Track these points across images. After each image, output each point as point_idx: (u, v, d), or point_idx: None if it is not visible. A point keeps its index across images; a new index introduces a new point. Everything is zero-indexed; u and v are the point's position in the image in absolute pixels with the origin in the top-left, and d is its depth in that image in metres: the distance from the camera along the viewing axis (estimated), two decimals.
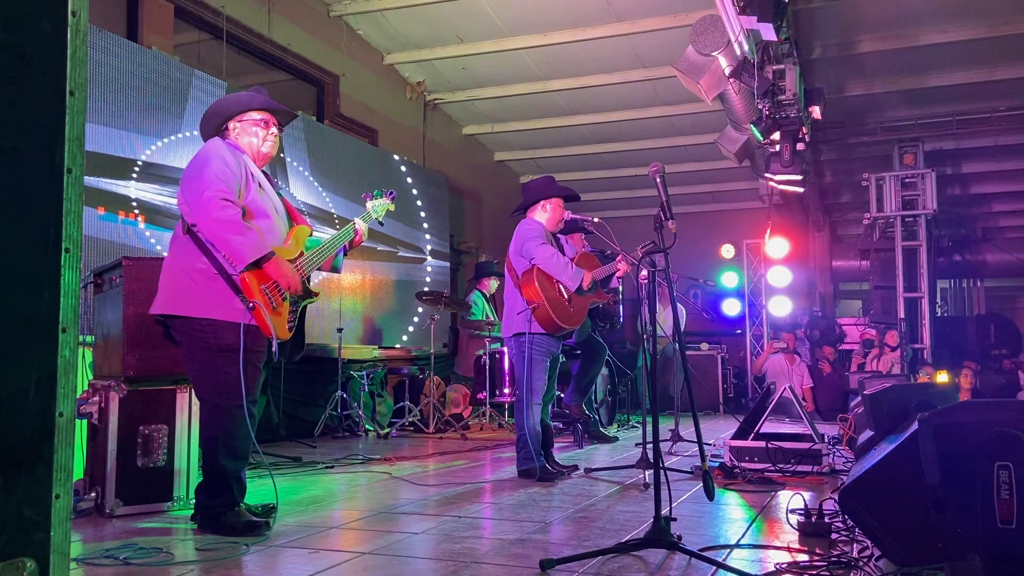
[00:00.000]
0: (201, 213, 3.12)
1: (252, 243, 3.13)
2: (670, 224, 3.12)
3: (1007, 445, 2.11)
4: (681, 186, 12.74)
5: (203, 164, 3.19)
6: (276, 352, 3.24)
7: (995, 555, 2.08)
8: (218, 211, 3.10)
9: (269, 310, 3.17)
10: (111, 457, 3.52)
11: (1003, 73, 9.00)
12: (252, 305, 3.13)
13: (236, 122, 3.39)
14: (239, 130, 3.39)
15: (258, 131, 3.41)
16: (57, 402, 1.07)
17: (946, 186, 12.11)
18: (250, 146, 3.39)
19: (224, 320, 3.15)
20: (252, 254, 3.12)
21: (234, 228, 3.11)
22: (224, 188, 3.14)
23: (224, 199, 3.12)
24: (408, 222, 9.19)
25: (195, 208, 3.14)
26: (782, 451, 4.65)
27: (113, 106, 5.60)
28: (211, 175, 3.15)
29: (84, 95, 1.09)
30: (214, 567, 2.68)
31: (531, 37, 8.67)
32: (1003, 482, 2.09)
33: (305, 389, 7.19)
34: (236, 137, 3.38)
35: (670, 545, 2.73)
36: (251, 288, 3.14)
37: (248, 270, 3.13)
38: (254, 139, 3.40)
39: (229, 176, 3.19)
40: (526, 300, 4.55)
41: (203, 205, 3.11)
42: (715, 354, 10.71)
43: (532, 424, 4.55)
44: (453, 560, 2.73)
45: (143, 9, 6.32)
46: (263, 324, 3.16)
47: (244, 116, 3.40)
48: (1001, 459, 2.10)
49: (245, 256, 3.11)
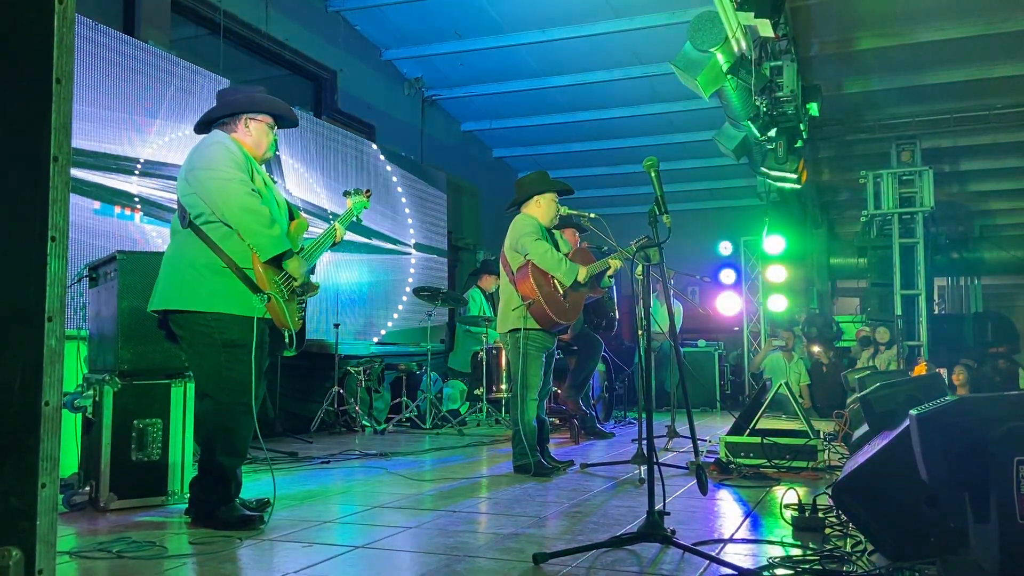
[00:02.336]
0: (230, 202, 3.09)
1: (278, 237, 3.15)
2: (665, 218, 3.12)
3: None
4: (679, 183, 12.74)
5: (215, 154, 3.18)
6: (294, 341, 3.24)
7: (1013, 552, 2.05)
8: (246, 199, 3.10)
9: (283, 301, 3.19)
10: (105, 451, 3.51)
11: (1001, 71, 8.99)
12: (267, 296, 3.13)
13: (250, 119, 3.39)
14: (252, 128, 3.38)
15: (268, 132, 3.43)
16: (43, 391, 1.07)
17: (944, 184, 12.10)
18: (257, 145, 3.40)
19: (231, 314, 3.14)
20: (276, 248, 3.14)
21: (262, 219, 3.12)
22: (241, 175, 3.15)
23: (250, 189, 3.13)
24: (405, 218, 9.18)
25: (219, 196, 3.11)
26: (777, 447, 4.65)
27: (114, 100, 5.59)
28: (224, 163, 3.15)
29: (70, 83, 1.09)
30: (208, 561, 2.68)
31: (529, 33, 8.67)
32: (1022, 477, 2.07)
33: (301, 384, 7.18)
34: (245, 132, 3.37)
35: (664, 539, 2.73)
36: (264, 280, 3.14)
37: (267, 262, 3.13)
38: (263, 139, 3.41)
39: (240, 164, 3.19)
40: (521, 296, 4.55)
41: (226, 192, 3.10)
42: (712, 351, 10.71)
43: (528, 420, 4.55)
44: (447, 554, 2.73)
45: (140, 3, 6.30)
46: (278, 316, 3.17)
47: (259, 116, 3.40)
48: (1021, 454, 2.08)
49: (270, 249, 3.12)
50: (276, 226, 3.18)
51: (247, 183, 3.15)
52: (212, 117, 3.42)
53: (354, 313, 8.16)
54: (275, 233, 3.15)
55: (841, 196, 13.71)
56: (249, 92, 3.47)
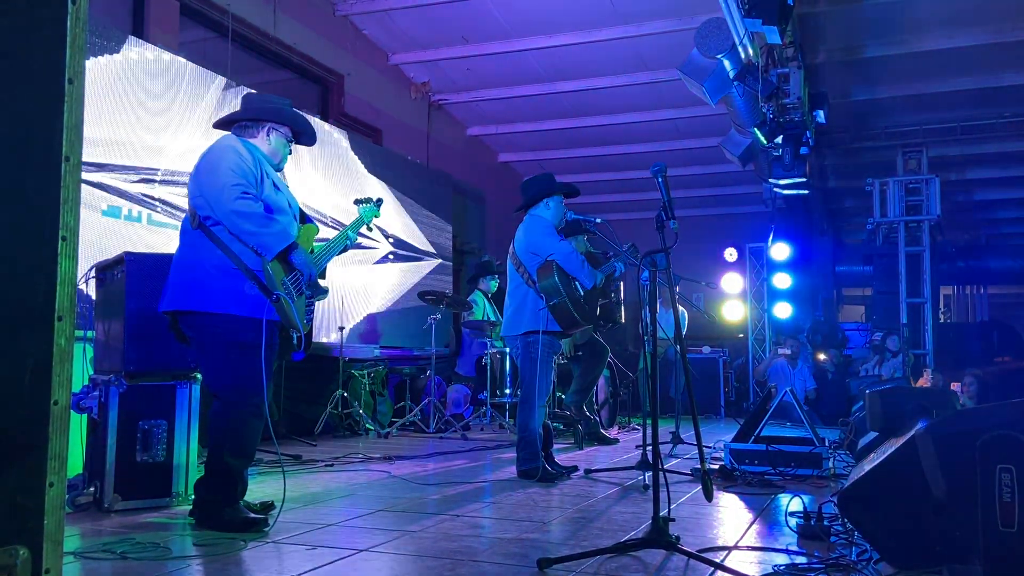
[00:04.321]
0: (221, 206, 3.12)
1: (277, 232, 3.17)
2: (671, 225, 3.12)
3: (1009, 448, 2.10)
4: (685, 189, 12.74)
5: (219, 158, 3.21)
6: (303, 342, 3.25)
7: (996, 560, 2.06)
8: (240, 203, 3.11)
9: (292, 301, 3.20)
10: (111, 452, 3.52)
11: (1009, 79, 8.98)
12: (275, 297, 3.14)
13: (275, 129, 3.43)
14: (272, 137, 3.42)
15: (286, 145, 3.49)
16: (52, 390, 1.07)
17: (950, 192, 12.08)
18: (274, 154, 3.44)
19: (242, 315, 3.16)
20: (279, 243, 3.16)
21: (257, 219, 3.13)
22: (243, 181, 3.17)
23: (245, 192, 3.14)
24: (411, 222, 9.19)
25: (214, 201, 3.14)
26: (782, 454, 4.63)
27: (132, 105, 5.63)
28: (228, 169, 3.17)
29: (82, 83, 1.09)
30: (212, 563, 2.68)
31: (536, 38, 8.68)
32: (1005, 485, 2.08)
33: (306, 387, 7.18)
34: (264, 141, 3.40)
35: (668, 546, 2.72)
36: (274, 280, 3.15)
37: (274, 259, 3.15)
38: (279, 150, 3.46)
39: (246, 171, 3.21)
40: (544, 296, 4.51)
41: (223, 198, 3.12)
42: (717, 357, 10.69)
43: (536, 425, 4.53)
44: (451, 558, 2.72)
45: (149, 7, 6.33)
46: (287, 317, 3.18)
47: (282, 128, 3.45)
48: (1003, 462, 2.09)
49: (272, 246, 3.15)
50: (274, 223, 3.18)
51: (245, 188, 3.16)
52: (235, 118, 3.46)
53: (359, 316, 8.16)
54: (274, 230, 3.16)
55: (847, 203, 13.69)
56: (278, 103, 3.52)
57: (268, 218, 3.18)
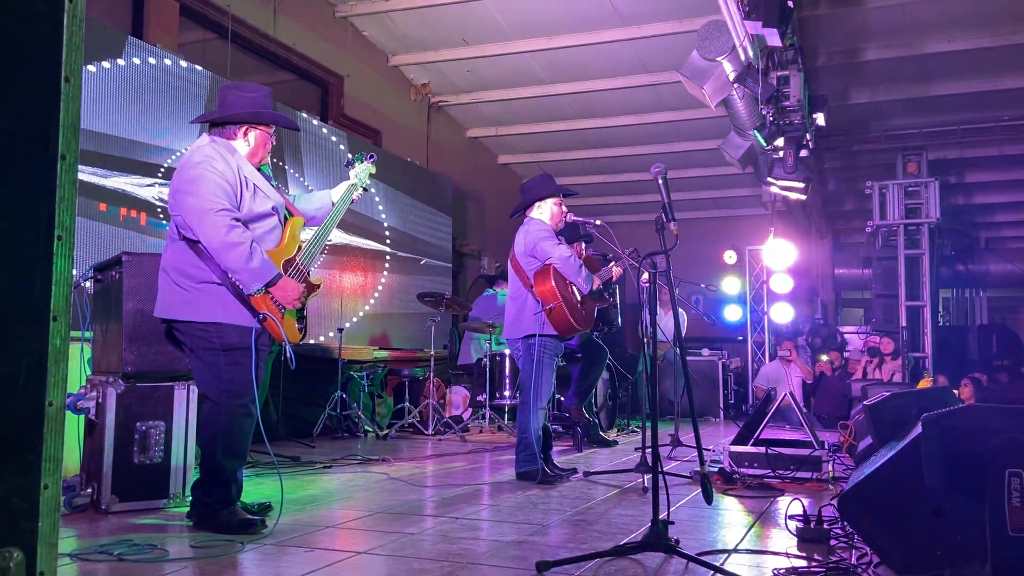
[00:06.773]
0: (208, 235, 3.07)
1: (260, 269, 3.12)
2: (672, 226, 3.11)
3: (1019, 452, 2.08)
4: (684, 191, 12.74)
5: (200, 176, 3.13)
6: (292, 358, 3.22)
7: (1005, 564, 2.04)
8: (227, 235, 3.06)
9: (279, 318, 3.18)
10: (108, 453, 3.50)
11: (1008, 82, 8.99)
12: (263, 317, 3.13)
13: (253, 129, 3.36)
14: (251, 137, 3.35)
15: (268, 140, 3.42)
16: (47, 391, 1.06)
17: (949, 195, 12.09)
18: (253, 154, 3.37)
19: (230, 323, 3.15)
20: (261, 279, 3.13)
21: (243, 256, 3.07)
22: (225, 203, 3.11)
23: (231, 220, 3.09)
24: (409, 224, 9.18)
25: (196, 228, 3.09)
26: (782, 457, 4.62)
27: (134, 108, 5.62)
28: (208, 190, 3.10)
29: (79, 82, 1.08)
30: (209, 564, 2.67)
31: (536, 40, 8.68)
32: (1015, 489, 2.06)
33: (304, 389, 7.17)
34: (244, 142, 3.34)
35: (667, 548, 2.71)
36: (259, 300, 3.14)
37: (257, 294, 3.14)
38: (260, 148, 3.40)
39: (226, 187, 3.15)
40: (541, 301, 4.51)
41: (208, 226, 3.06)
42: (716, 360, 10.68)
43: (536, 427, 4.52)
44: (449, 560, 2.71)
45: (149, 7, 6.32)
46: (276, 333, 3.18)
47: (262, 127, 3.38)
48: (1013, 466, 2.07)
49: (252, 284, 3.12)
50: (257, 253, 3.12)
51: (228, 210, 3.10)
52: (212, 119, 3.40)
53: (358, 317, 8.15)
54: (254, 266, 3.11)
55: (846, 206, 13.70)
56: (255, 99, 3.38)
57: (251, 252, 3.10)
